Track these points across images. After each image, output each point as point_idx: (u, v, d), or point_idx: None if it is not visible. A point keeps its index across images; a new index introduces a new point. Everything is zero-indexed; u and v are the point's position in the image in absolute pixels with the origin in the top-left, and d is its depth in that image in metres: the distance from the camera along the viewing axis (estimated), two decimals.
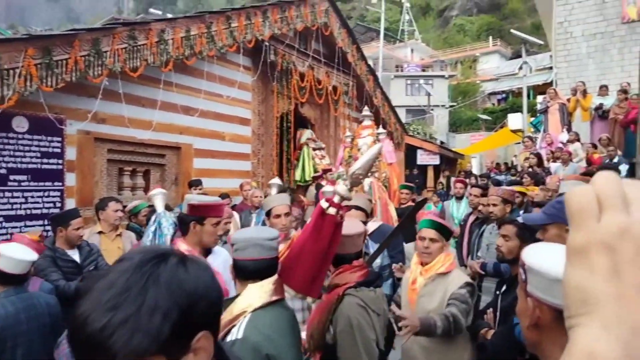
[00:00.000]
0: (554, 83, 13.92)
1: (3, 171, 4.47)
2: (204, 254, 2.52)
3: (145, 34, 5.38)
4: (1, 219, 4.45)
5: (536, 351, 1.03)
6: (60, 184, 4.91)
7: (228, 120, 7.21)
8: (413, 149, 14.92)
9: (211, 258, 2.57)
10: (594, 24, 13.23)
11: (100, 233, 3.96)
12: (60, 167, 4.91)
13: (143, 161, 6.04)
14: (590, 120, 9.60)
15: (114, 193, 5.49)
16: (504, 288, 2.52)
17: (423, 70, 33.34)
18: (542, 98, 11.76)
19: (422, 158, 15.67)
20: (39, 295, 2.52)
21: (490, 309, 2.48)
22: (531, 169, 7.76)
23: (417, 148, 15.33)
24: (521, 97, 18.25)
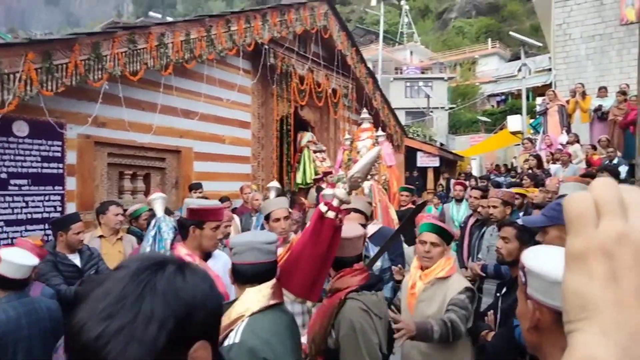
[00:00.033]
0: (553, 85, 13.95)
1: (3, 175, 4.47)
2: (204, 258, 2.52)
3: (145, 38, 5.40)
4: (2, 224, 4.45)
5: (536, 353, 1.03)
6: (60, 188, 4.92)
7: (228, 123, 7.22)
8: (413, 151, 14.92)
9: (211, 262, 2.56)
10: (593, 26, 13.28)
11: (101, 237, 3.96)
12: (60, 171, 4.92)
13: (143, 165, 6.04)
14: (589, 121, 9.61)
15: (115, 197, 5.49)
16: (504, 290, 2.52)
17: (422, 72, 33.38)
18: (542, 100, 11.78)
19: (422, 160, 15.67)
20: (40, 300, 2.52)
21: (490, 311, 2.48)
22: (531, 171, 7.76)
23: (417, 150, 15.34)
24: (520, 99, 18.29)
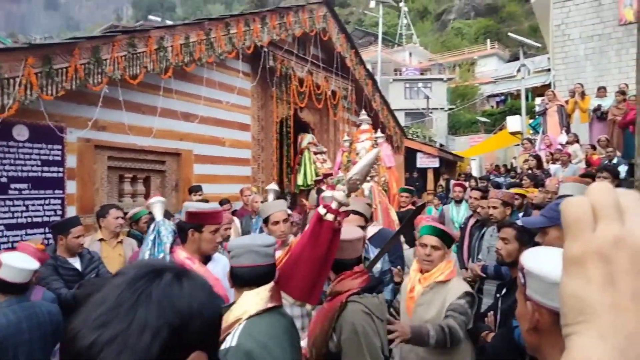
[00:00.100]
0: (552, 85, 13.97)
1: (4, 180, 4.47)
2: (204, 261, 2.53)
3: (144, 42, 5.41)
4: (2, 228, 4.45)
5: (536, 354, 1.03)
6: (60, 192, 4.92)
7: (228, 126, 7.23)
8: (412, 152, 14.92)
9: (211, 265, 2.56)
10: (591, 26, 13.30)
11: (101, 240, 3.97)
12: (60, 175, 4.92)
13: (143, 168, 6.05)
14: (588, 121, 9.62)
15: (115, 200, 5.50)
16: (504, 291, 2.52)
17: (421, 73, 33.40)
18: (541, 100, 11.79)
19: (422, 161, 15.67)
20: (41, 304, 2.52)
21: (490, 312, 2.48)
22: (530, 171, 7.77)
23: (417, 151, 15.34)
24: (520, 100, 18.30)
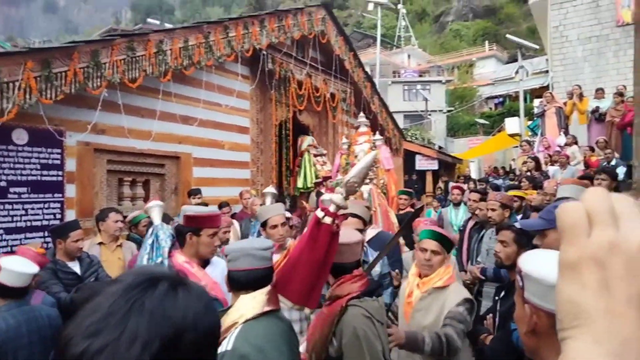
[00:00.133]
0: (551, 87, 14.00)
1: (3, 183, 4.47)
2: (202, 265, 2.53)
3: (143, 45, 5.42)
4: (1, 232, 4.45)
5: (534, 357, 1.03)
6: (60, 196, 4.92)
7: (227, 129, 7.23)
8: (411, 155, 14.93)
9: (209, 268, 2.56)
10: (589, 28, 13.34)
11: (100, 244, 3.97)
12: (60, 179, 4.92)
13: (143, 171, 6.05)
14: (587, 123, 9.65)
15: (114, 203, 5.49)
16: (503, 294, 2.52)
17: (420, 75, 33.47)
18: (539, 102, 11.82)
19: (421, 163, 15.67)
20: (41, 308, 2.52)
21: (489, 315, 2.48)
22: (529, 173, 7.78)
23: (416, 153, 15.35)
24: (518, 101, 18.32)
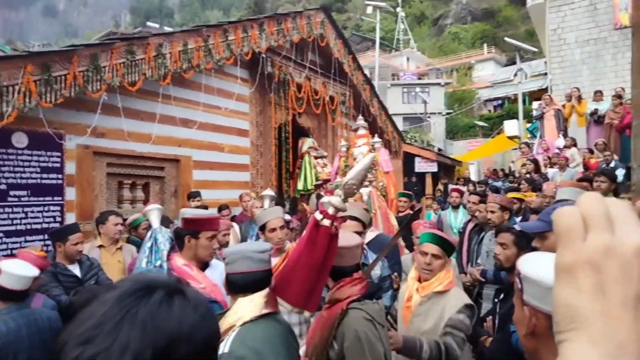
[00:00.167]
0: (549, 89, 14.04)
1: (3, 187, 4.48)
2: (202, 267, 2.54)
3: (143, 49, 5.43)
4: (1, 235, 4.45)
5: (533, 358, 1.04)
6: (60, 199, 4.92)
7: (226, 131, 7.24)
8: (411, 157, 14.94)
9: (209, 271, 2.57)
10: (587, 31, 13.39)
11: (100, 247, 3.97)
12: (60, 182, 4.93)
13: (142, 174, 6.05)
14: (586, 125, 9.67)
15: (114, 206, 5.49)
16: (502, 296, 2.53)
17: (419, 78, 33.57)
18: (538, 104, 11.84)
19: (420, 166, 15.68)
20: (41, 311, 2.52)
21: (489, 317, 2.49)
22: (529, 175, 7.79)
23: (415, 156, 15.36)
24: (517, 103, 18.37)
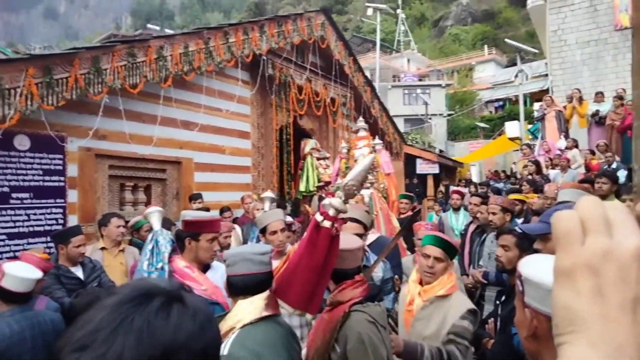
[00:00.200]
0: (550, 90, 14.03)
1: (5, 189, 4.49)
2: (203, 269, 2.55)
3: (144, 51, 5.45)
4: (4, 237, 4.46)
5: None
6: (62, 201, 4.94)
7: (228, 134, 7.25)
8: (412, 159, 14.93)
9: (210, 273, 2.58)
10: (587, 32, 13.39)
11: (102, 249, 3.98)
12: (62, 184, 4.94)
13: (144, 176, 6.06)
14: (587, 126, 9.66)
15: (116, 209, 5.51)
16: (503, 298, 2.53)
17: (420, 79, 33.56)
18: (539, 105, 11.83)
19: (422, 167, 15.67)
20: (44, 313, 2.53)
21: (491, 319, 2.49)
22: (530, 177, 7.78)
23: (416, 157, 15.35)
24: (518, 105, 18.36)
